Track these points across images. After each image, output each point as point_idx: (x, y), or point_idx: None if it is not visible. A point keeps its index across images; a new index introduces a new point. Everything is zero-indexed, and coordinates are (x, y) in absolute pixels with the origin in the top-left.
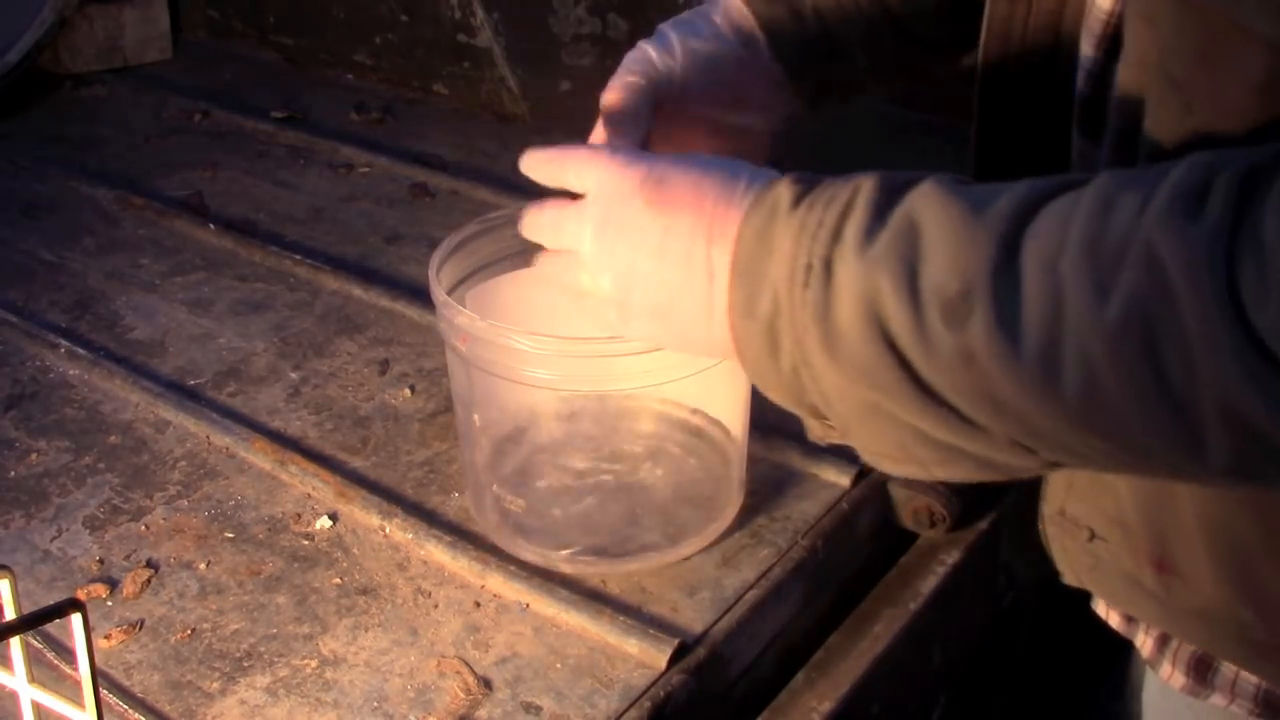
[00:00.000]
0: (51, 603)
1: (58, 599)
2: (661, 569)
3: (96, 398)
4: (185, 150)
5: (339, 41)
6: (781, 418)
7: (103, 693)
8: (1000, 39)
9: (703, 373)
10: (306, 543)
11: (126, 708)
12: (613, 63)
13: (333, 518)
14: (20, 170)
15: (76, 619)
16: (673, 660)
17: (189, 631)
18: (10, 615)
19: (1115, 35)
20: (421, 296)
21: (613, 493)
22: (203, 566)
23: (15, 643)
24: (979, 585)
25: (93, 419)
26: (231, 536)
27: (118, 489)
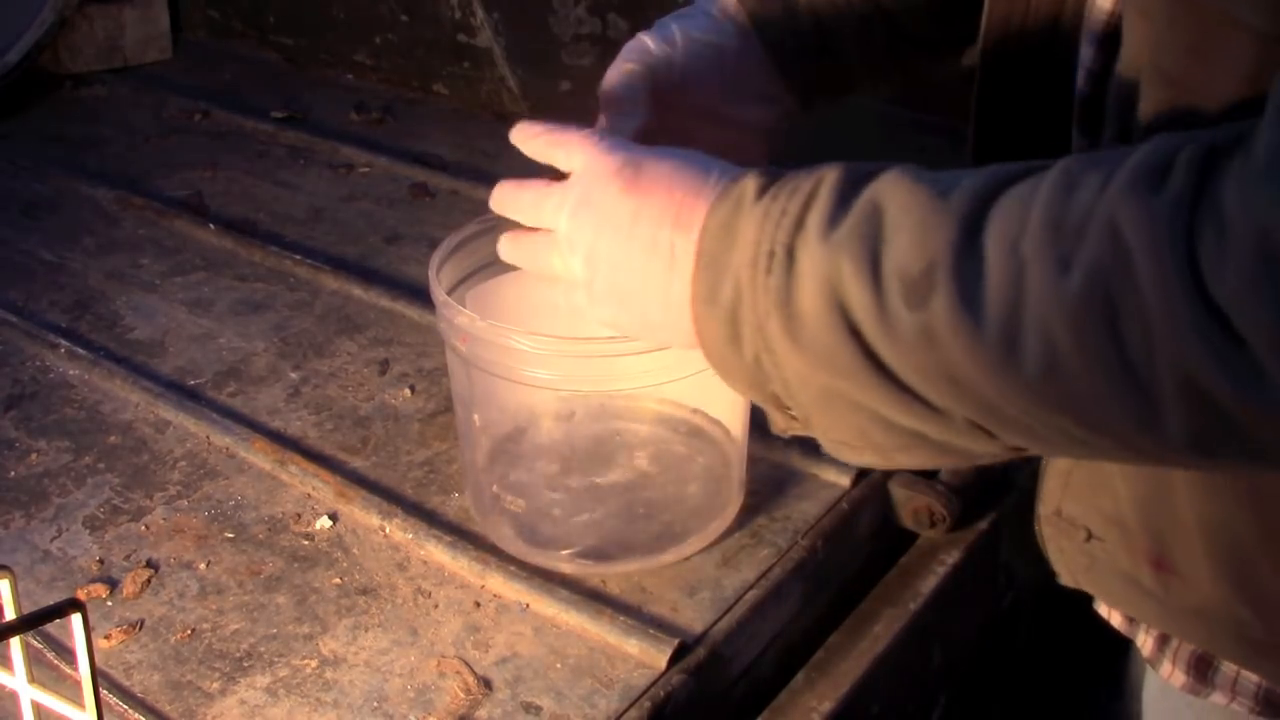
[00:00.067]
0: (51, 603)
1: (58, 599)
2: (661, 569)
3: (96, 398)
4: (185, 150)
5: (339, 41)
6: None
7: (103, 693)
8: (999, 38)
9: (703, 373)
10: (306, 543)
11: (126, 708)
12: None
13: (333, 518)
14: (20, 170)
15: (76, 619)
16: (673, 660)
17: (189, 631)
18: (10, 615)
19: (1116, 34)
20: (421, 296)
21: (613, 493)
22: (203, 566)
23: (15, 643)
24: (979, 585)
25: (93, 419)
26: (231, 536)
27: (118, 489)
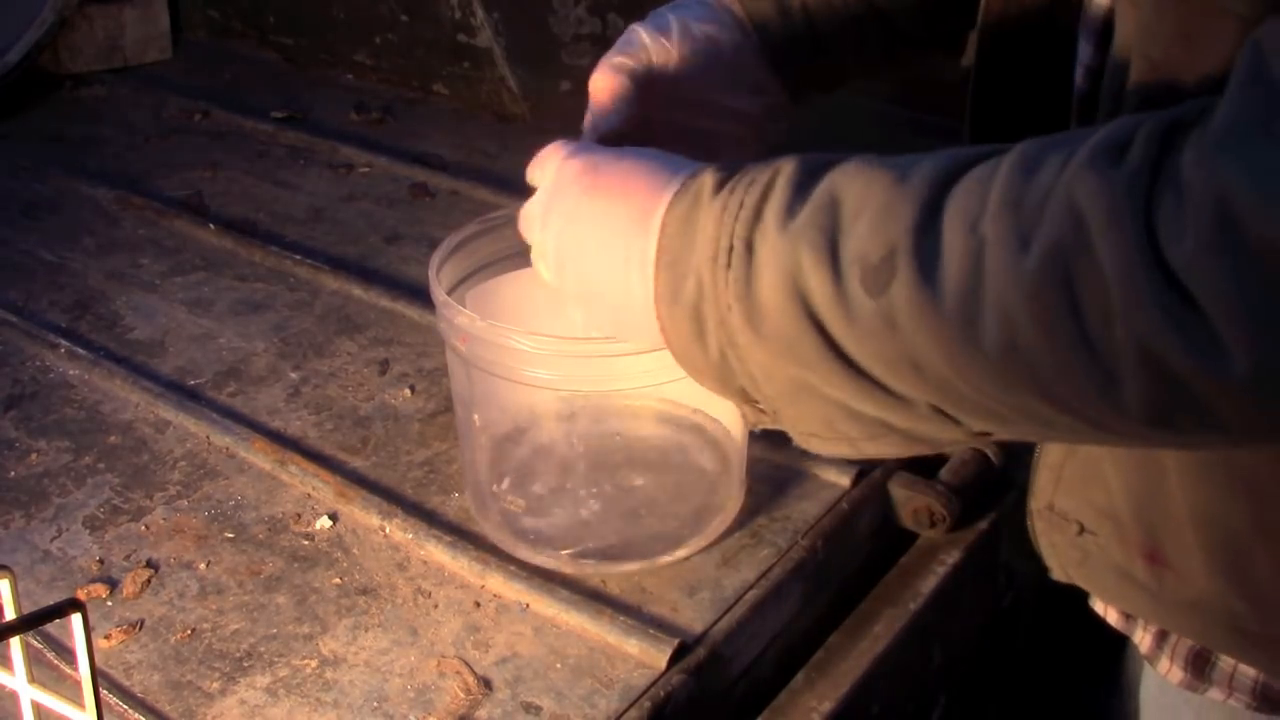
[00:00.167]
0: (51, 603)
1: (58, 599)
2: (661, 569)
3: (96, 398)
4: (185, 150)
5: (339, 41)
6: None
7: (103, 693)
8: (995, 35)
9: None
10: (306, 543)
11: (126, 708)
12: None
13: (333, 518)
14: (20, 170)
15: (76, 619)
16: (673, 660)
17: (189, 631)
18: (10, 615)
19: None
20: (421, 296)
21: (613, 493)
22: (203, 566)
23: (15, 643)
24: (979, 585)
25: (93, 419)
26: (231, 536)
27: (118, 489)
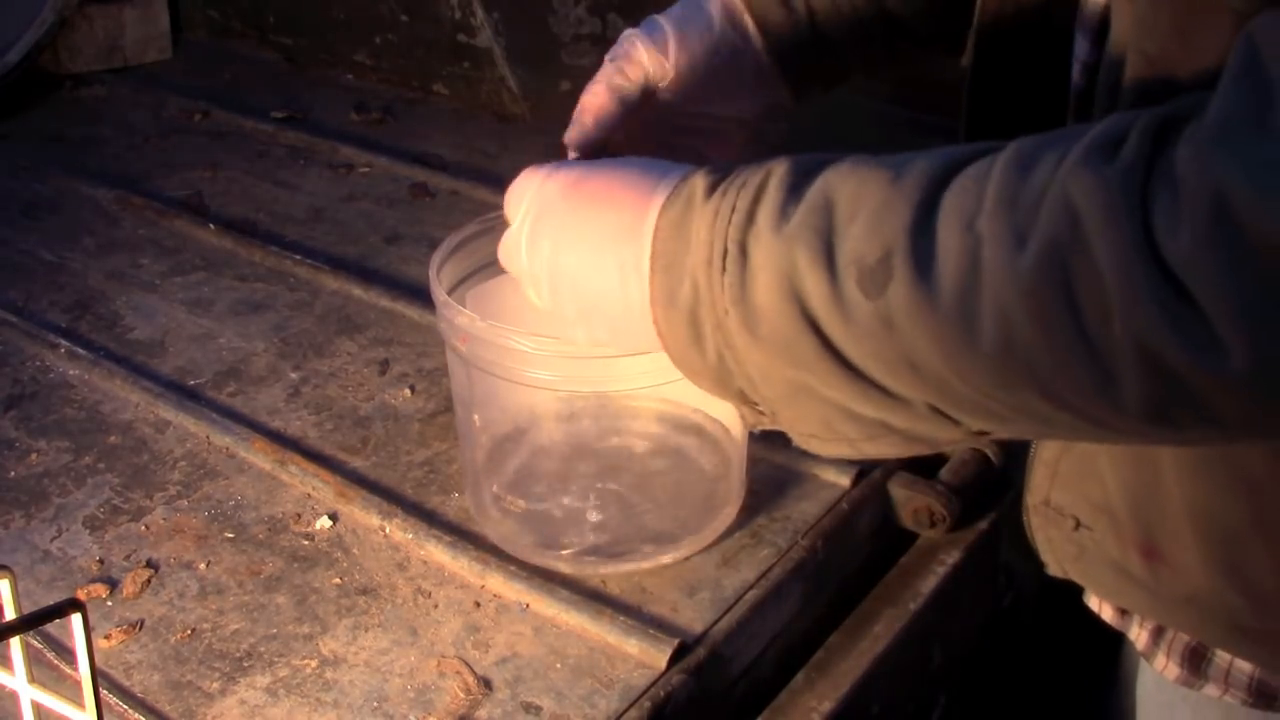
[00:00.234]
0: (51, 603)
1: (58, 599)
2: (661, 569)
3: (96, 398)
4: (185, 150)
5: (339, 41)
6: None
7: (103, 693)
8: (991, 33)
9: None
10: (306, 543)
11: (126, 708)
12: None
13: (333, 518)
14: (20, 170)
15: (76, 619)
16: (673, 660)
17: (189, 631)
18: (10, 615)
19: (1108, 26)
20: (421, 296)
21: (613, 493)
22: (203, 566)
23: (15, 643)
24: (979, 585)
25: (93, 419)
26: (231, 536)
27: (118, 489)
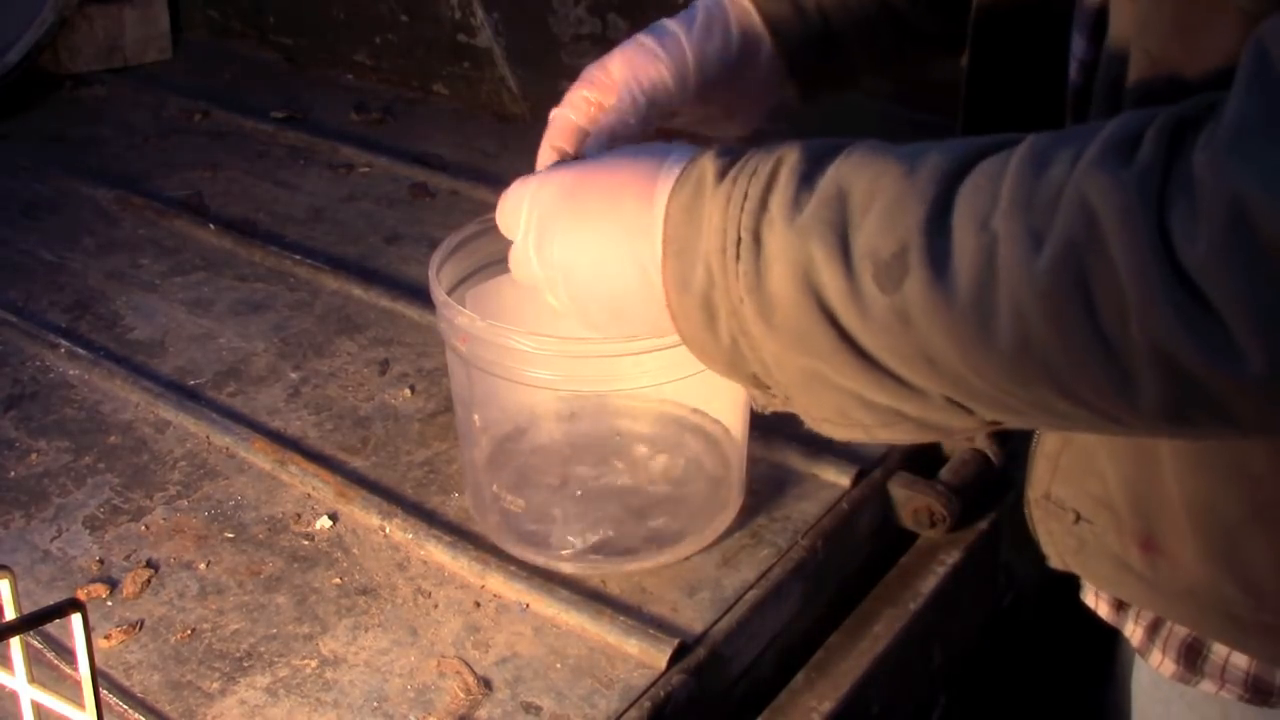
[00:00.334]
0: (51, 603)
1: (58, 599)
2: (661, 569)
3: (96, 398)
4: (185, 150)
5: (339, 41)
6: (781, 418)
7: (103, 693)
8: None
9: (703, 373)
10: (306, 543)
11: (126, 708)
12: None
13: (333, 518)
14: (20, 170)
15: (76, 619)
16: (673, 660)
17: (189, 631)
18: (10, 615)
19: (1105, 23)
20: (421, 296)
21: (612, 493)
22: (203, 566)
23: (15, 643)
24: (979, 585)
25: (93, 419)
26: (231, 536)
27: (118, 489)
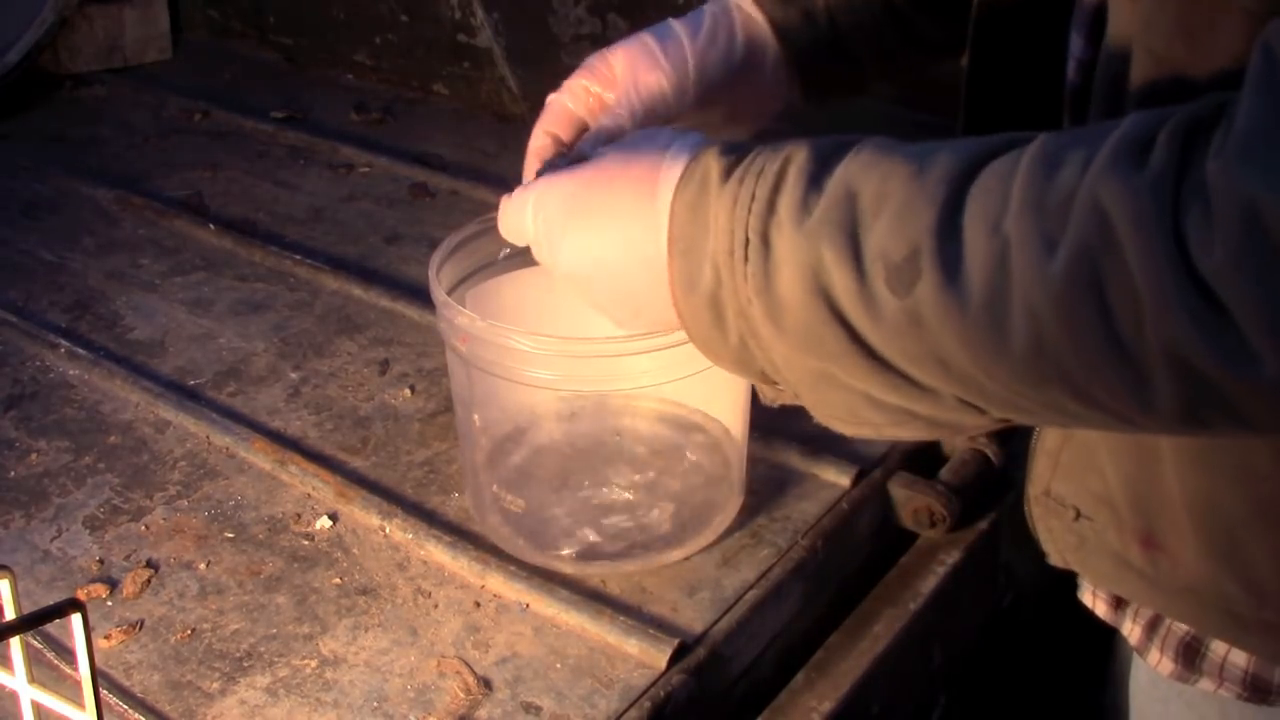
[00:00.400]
0: (51, 603)
1: (58, 599)
2: (661, 569)
3: (96, 398)
4: (185, 150)
5: (339, 41)
6: (781, 418)
7: (103, 693)
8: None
9: (703, 373)
10: (306, 543)
11: (126, 708)
12: None
13: (333, 518)
14: (20, 170)
15: (76, 619)
16: (673, 660)
17: (189, 631)
18: (10, 615)
19: (1104, 23)
20: (421, 296)
21: (613, 493)
22: (203, 566)
23: (15, 643)
24: (979, 585)
25: (93, 419)
26: (231, 536)
27: (118, 489)
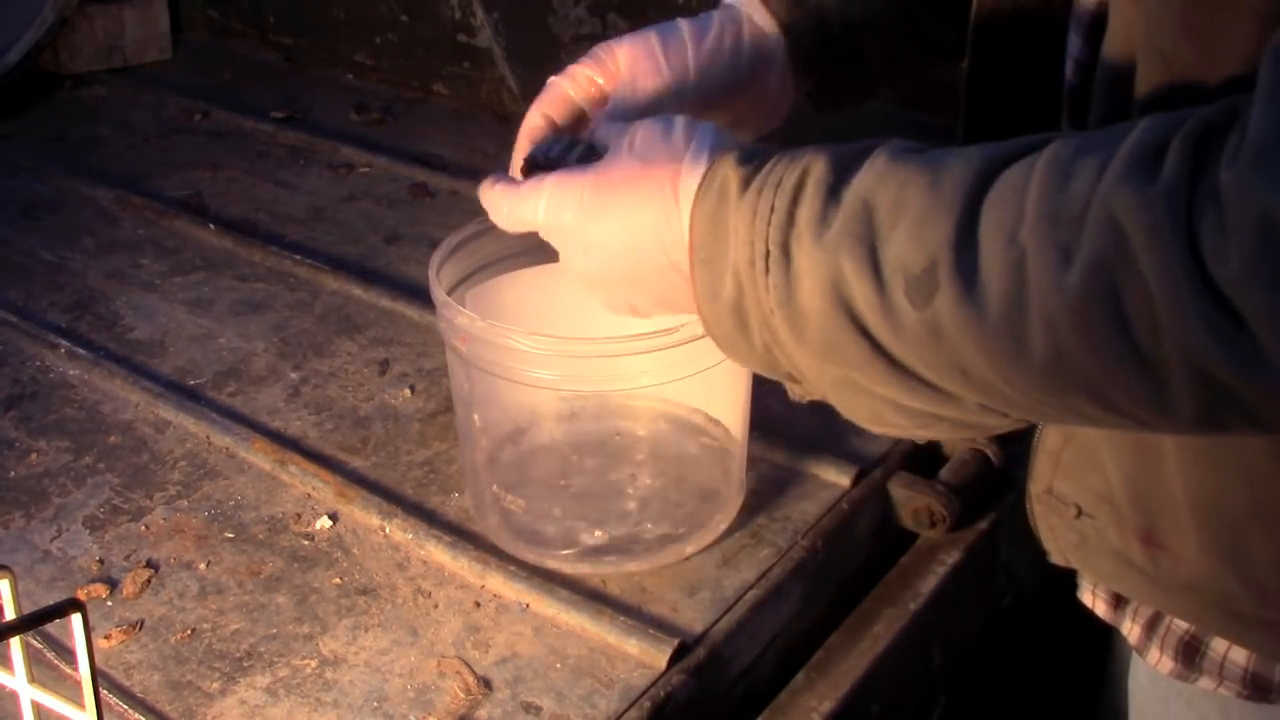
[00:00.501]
0: (51, 603)
1: (58, 599)
2: (661, 569)
3: (96, 398)
4: (185, 150)
5: (339, 41)
6: (781, 418)
7: (103, 693)
8: (987, 28)
9: (703, 373)
10: (306, 543)
11: (126, 708)
12: None
13: (333, 518)
14: (20, 170)
15: (76, 619)
16: (673, 660)
17: (189, 631)
18: (10, 615)
19: (1103, 24)
20: (421, 296)
21: (613, 493)
22: (203, 566)
23: (15, 643)
24: (979, 585)
25: (93, 419)
26: (231, 536)
27: (118, 489)
